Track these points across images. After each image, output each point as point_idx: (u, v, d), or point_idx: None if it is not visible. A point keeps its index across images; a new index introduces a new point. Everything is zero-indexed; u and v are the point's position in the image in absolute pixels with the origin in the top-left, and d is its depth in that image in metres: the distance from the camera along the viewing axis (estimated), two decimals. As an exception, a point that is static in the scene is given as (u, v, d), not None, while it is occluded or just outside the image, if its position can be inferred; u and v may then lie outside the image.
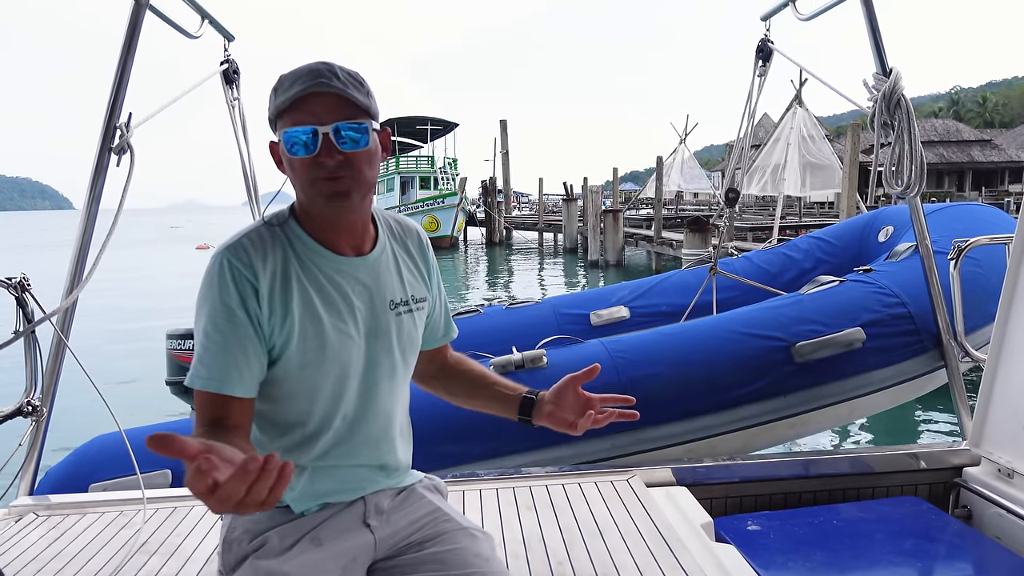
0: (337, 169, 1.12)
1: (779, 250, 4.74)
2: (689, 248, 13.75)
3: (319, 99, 1.11)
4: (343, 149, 1.11)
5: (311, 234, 1.20)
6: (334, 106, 1.11)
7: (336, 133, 1.11)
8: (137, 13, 2.19)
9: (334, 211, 1.16)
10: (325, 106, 1.11)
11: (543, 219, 29.81)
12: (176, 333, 3.38)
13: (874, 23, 2.45)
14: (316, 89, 1.10)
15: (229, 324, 1.11)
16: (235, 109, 2.97)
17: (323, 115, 1.11)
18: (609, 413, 1.26)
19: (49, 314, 2.13)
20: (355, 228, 1.23)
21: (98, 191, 2.23)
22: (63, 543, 2.03)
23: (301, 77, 1.11)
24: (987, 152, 37.12)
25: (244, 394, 1.13)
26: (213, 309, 1.12)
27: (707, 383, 3.02)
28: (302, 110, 1.11)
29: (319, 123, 1.10)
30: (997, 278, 2.32)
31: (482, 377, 1.46)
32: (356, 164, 1.13)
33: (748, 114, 3.69)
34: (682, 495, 2.24)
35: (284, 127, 1.12)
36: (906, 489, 2.45)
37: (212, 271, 1.13)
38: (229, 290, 1.11)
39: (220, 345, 1.11)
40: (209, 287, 1.13)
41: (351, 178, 1.13)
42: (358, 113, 1.13)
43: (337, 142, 1.11)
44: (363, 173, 1.15)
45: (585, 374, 1.28)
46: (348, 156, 1.12)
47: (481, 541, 1.31)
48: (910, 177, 2.31)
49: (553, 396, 1.33)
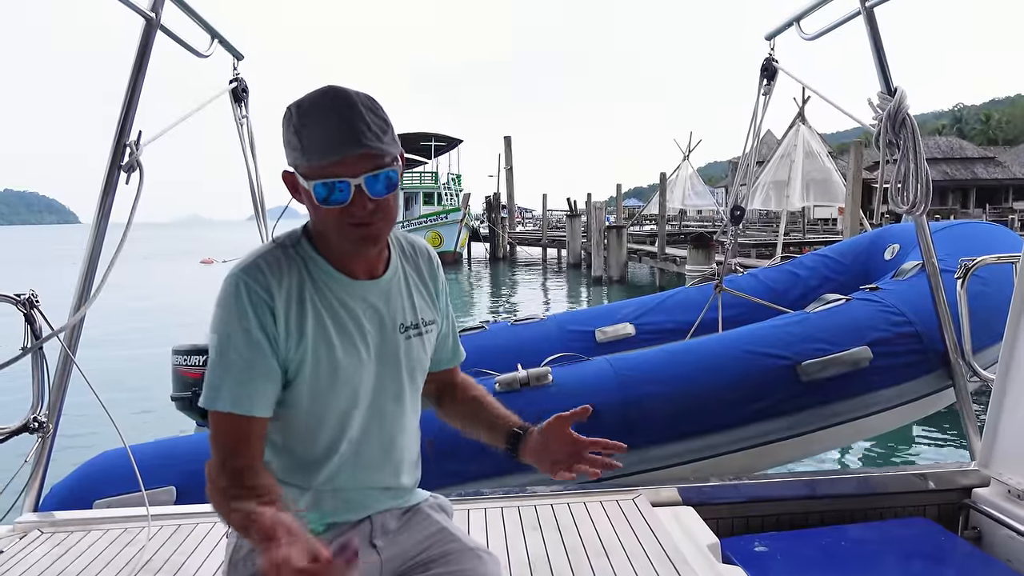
0: (369, 216, 1.11)
1: (785, 267, 4.74)
2: (693, 264, 13.73)
3: (353, 157, 1.08)
4: (374, 197, 1.11)
5: (326, 257, 1.20)
6: (365, 158, 1.09)
7: (368, 183, 1.09)
8: (148, 32, 2.21)
9: (360, 250, 1.17)
10: (356, 160, 1.08)
11: (547, 235, 29.85)
12: (182, 349, 3.38)
13: (878, 42, 2.46)
14: (352, 152, 1.07)
15: (247, 346, 1.11)
16: (243, 127, 3.00)
17: (355, 167, 1.08)
18: (599, 463, 1.23)
19: (57, 330, 2.14)
20: (371, 255, 1.23)
21: (107, 208, 2.25)
22: (67, 560, 2.02)
23: (335, 134, 1.07)
24: (991, 169, 37.11)
25: (262, 414, 1.13)
26: (231, 331, 1.12)
27: (713, 402, 3.01)
28: (333, 166, 1.08)
29: (351, 176, 1.08)
30: (1004, 297, 2.31)
31: (480, 404, 1.43)
32: (386, 207, 1.14)
33: (753, 132, 3.71)
34: (688, 515, 2.22)
35: (311, 179, 1.09)
36: (914, 510, 2.43)
37: (228, 292, 1.13)
38: (247, 312, 1.11)
39: (240, 367, 1.11)
40: (226, 308, 1.12)
41: (382, 221, 1.14)
42: (387, 162, 1.12)
43: (368, 191, 1.10)
44: (392, 211, 1.15)
45: (574, 415, 1.24)
46: (379, 202, 1.12)
47: (487, 562, 1.30)
48: (916, 196, 2.31)
49: (541, 435, 1.28)
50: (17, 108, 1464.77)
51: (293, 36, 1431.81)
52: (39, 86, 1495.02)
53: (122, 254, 2.13)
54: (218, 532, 2.17)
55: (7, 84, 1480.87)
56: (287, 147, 1.13)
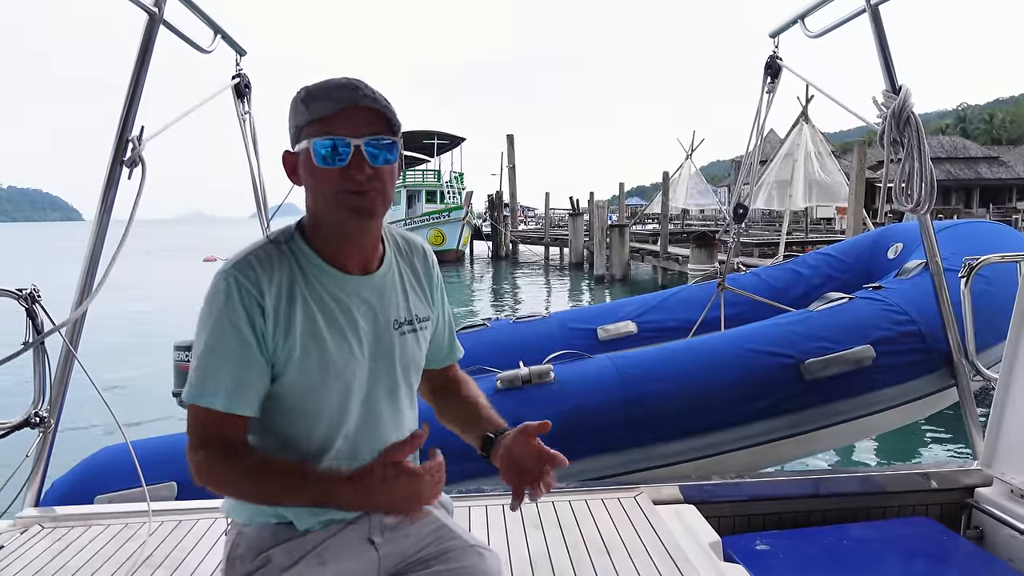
0: (365, 183, 1.12)
1: (787, 266, 4.73)
2: (695, 263, 13.72)
3: (355, 112, 1.11)
4: (373, 164, 1.12)
5: (318, 251, 1.20)
6: (368, 120, 1.12)
7: (368, 147, 1.11)
8: (151, 28, 2.21)
9: (355, 226, 1.17)
10: (360, 120, 1.11)
11: (549, 233, 29.83)
12: (184, 344, 3.38)
13: (883, 40, 2.45)
14: (355, 103, 1.11)
15: (235, 342, 1.11)
16: (246, 123, 2.99)
17: (357, 128, 1.11)
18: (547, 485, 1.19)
19: (59, 326, 2.14)
20: (366, 246, 1.23)
21: (109, 204, 2.24)
22: (68, 555, 2.02)
23: (337, 90, 1.12)
24: (994, 169, 37.00)
25: (249, 413, 1.13)
26: (219, 326, 1.11)
27: (715, 400, 3.00)
28: (335, 122, 1.11)
29: (353, 135, 1.11)
30: (1008, 296, 2.31)
31: (467, 403, 1.41)
32: (383, 179, 1.14)
33: (756, 130, 3.70)
34: (690, 513, 2.21)
35: (313, 136, 1.12)
36: (917, 509, 2.42)
37: (218, 288, 1.12)
38: (236, 308, 1.11)
39: (226, 363, 1.11)
40: (214, 304, 1.12)
41: (378, 192, 1.14)
42: (389, 129, 1.14)
43: (368, 156, 1.11)
44: (388, 189, 1.16)
45: (538, 427, 1.21)
46: (377, 171, 1.13)
47: (488, 559, 1.29)
48: (920, 195, 2.30)
49: (509, 441, 1.24)
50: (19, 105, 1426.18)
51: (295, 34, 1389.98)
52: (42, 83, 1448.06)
53: (124, 250, 2.13)
54: (219, 528, 2.17)
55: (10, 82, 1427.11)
56: (293, 116, 1.15)
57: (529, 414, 1.44)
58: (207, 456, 1.11)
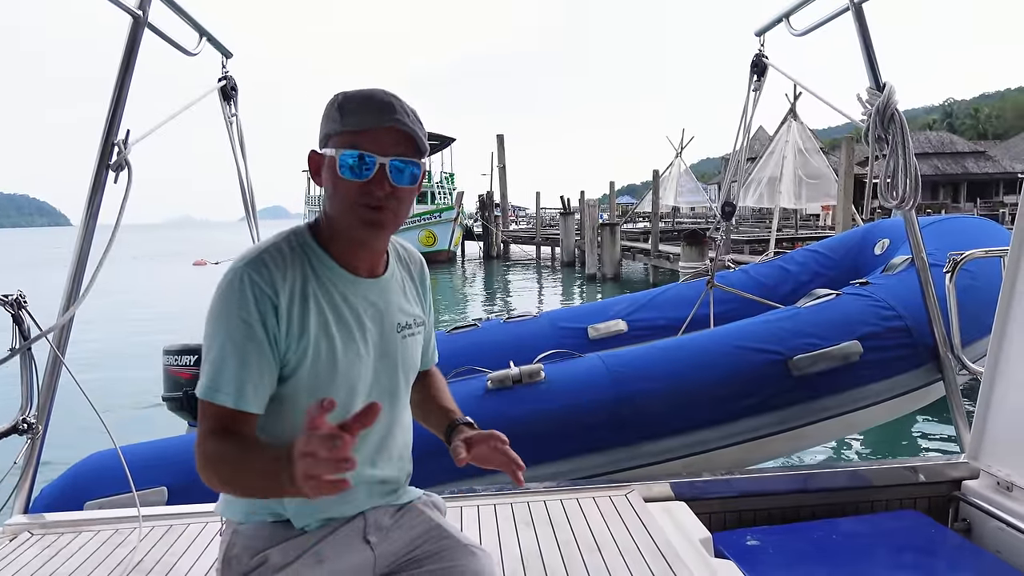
0: (383, 200, 1.14)
1: (776, 263, 4.75)
2: (686, 261, 13.77)
3: (386, 132, 1.13)
4: (394, 183, 1.14)
5: (330, 253, 1.21)
6: (397, 140, 1.14)
7: (393, 166, 1.13)
8: (136, 31, 2.20)
9: (366, 236, 1.18)
10: (389, 140, 1.13)
11: (540, 233, 29.86)
12: (173, 349, 3.37)
13: (867, 38, 2.47)
14: (387, 124, 1.13)
15: (247, 340, 1.11)
16: (233, 125, 2.98)
17: (385, 147, 1.13)
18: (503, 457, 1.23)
19: (45, 331, 2.12)
20: (376, 252, 1.26)
21: (95, 208, 2.23)
22: (58, 562, 2.01)
23: (372, 106, 1.13)
24: (981, 164, 37.33)
25: (257, 410, 1.14)
26: (231, 324, 1.11)
27: (705, 397, 3.02)
28: (365, 138, 1.13)
29: (380, 153, 1.12)
30: (993, 291, 2.33)
31: (432, 398, 1.46)
32: (400, 197, 1.16)
33: (744, 128, 3.71)
34: (680, 510, 2.23)
35: (342, 147, 1.13)
36: (905, 503, 2.45)
37: (232, 285, 1.12)
38: (249, 306, 1.11)
39: (238, 360, 1.11)
40: (227, 301, 1.12)
41: (392, 211, 1.16)
42: (416, 151, 1.16)
43: (390, 174, 1.13)
44: (404, 208, 1.18)
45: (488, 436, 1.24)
46: (396, 189, 1.15)
47: (480, 558, 1.31)
48: (905, 191, 2.32)
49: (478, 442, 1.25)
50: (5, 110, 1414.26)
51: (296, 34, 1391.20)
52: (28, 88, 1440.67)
53: (111, 255, 2.12)
54: (210, 532, 2.16)
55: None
56: (325, 120, 1.17)
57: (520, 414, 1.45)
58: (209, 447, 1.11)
